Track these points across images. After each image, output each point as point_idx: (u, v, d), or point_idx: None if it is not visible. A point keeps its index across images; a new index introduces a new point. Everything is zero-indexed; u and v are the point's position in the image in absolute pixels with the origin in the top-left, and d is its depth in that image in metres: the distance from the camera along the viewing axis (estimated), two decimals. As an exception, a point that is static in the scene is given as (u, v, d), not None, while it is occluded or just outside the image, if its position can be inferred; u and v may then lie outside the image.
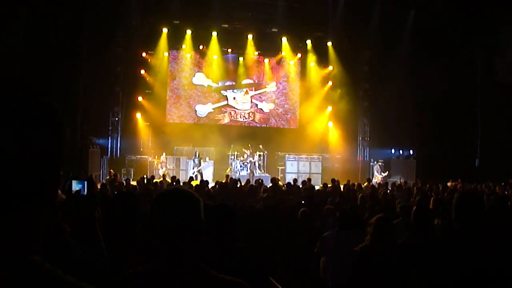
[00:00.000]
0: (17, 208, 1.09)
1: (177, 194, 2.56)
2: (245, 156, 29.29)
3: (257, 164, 29.22)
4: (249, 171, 28.15)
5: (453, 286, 4.00)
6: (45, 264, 1.12)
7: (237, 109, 34.16)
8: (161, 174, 25.96)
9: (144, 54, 31.54)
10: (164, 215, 2.47)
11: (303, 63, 34.44)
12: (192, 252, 2.45)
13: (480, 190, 18.86)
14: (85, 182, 11.02)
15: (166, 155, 28.51)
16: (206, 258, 2.53)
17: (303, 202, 11.73)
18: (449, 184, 21.25)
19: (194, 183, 20.32)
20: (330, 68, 33.63)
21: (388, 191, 18.62)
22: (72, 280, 1.13)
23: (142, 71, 31.40)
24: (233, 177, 24.15)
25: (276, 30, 31.90)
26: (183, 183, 18.66)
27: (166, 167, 27.58)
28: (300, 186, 18.64)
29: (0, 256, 1.06)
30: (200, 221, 2.50)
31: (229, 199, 11.90)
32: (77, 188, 10.31)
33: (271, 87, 34.65)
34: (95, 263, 4.15)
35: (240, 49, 33.00)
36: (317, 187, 19.16)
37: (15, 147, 1.07)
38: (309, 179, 21.32)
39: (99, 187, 16.79)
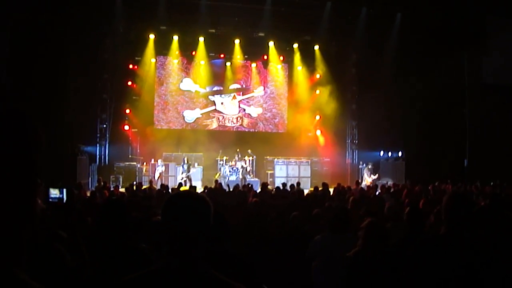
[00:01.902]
0: None
1: (190, 197, 2.58)
2: (234, 161, 29.28)
3: (248, 169, 29.22)
4: (241, 176, 28.09)
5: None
6: (30, 282, 1.08)
7: (225, 114, 34.13)
8: (157, 178, 26.17)
9: (131, 66, 31.49)
10: (175, 217, 2.47)
11: (290, 67, 34.49)
12: (199, 254, 2.44)
13: (469, 191, 18.90)
14: (64, 190, 10.97)
15: (154, 161, 28.51)
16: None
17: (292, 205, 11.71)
18: (436, 184, 21.28)
19: (183, 188, 20.24)
20: (318, 76, 33.69)
21: (378, 193, 18.65)
22: None
23: (129, 82, 31.34)
24: (222, 182, 24.13)
25: (263, 34, 31.88)
26: (172, 189, 18.58)
27: (162, 171, 27.77)
28: (289, 190, 18.61)
29: None
30: (209, 225, 2.49)
31: (218, 205, 11.85)
32: (55, 196, 10.25)
33: (258, 91, 34.65)
34: (83, 270, 4.12)
35: (227, 54, 33.00)
36: (306, 191, 19.15)
37: None
38: (298, 183, 21.30)
39: (88, 195, 16.75)
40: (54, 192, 10.42)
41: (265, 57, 33.60)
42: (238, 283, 2.48)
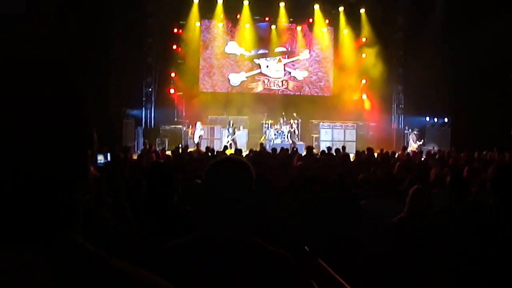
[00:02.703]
0: (52, 188, 1.08)
1: (231, 163, 2.59)
2: (279, 124, 29.34)
3: (296, 132, 29.19)
4: (290, 140, 28.09)
5: (486, 257, 3.97)
6: (88, 246, 1.11)
7: (270, 77, 34.10)
8: (197, 142, 26.36)
9: (175, 30, 31.56)
10: (217, 184, 2.50)
11: (336, 30, 34.22)
12: (243, 221, 2.46)
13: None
14: (108, 155, 11.15)
15: (201, 124, 28.60)
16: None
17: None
18: (483, 153, 20.96)
19: (228, 152, 20.35)
20: (364, 39, 33.34)
21: (423, 159, 18.51)
22: (117, 263, 1.12)
23: (174, 46, 31.46)
24: (267, 146, 24.19)
25: (308, -3, 31.75)
26: (217, 152, 18.69)
27: (201, 134, 27.81)
28: (334, 154, 18.56)
29: (44, 238, 1.06)
30: (251, 191, 2.50)
31: (263, 168, 11.89)
32: (101, 162, 10.41)
33: (304, 54, 34.50)
34: (127, 235, 4.18)
35: (272, 17, 32.84)
36: (352, 155, 19.05)
37: (41, 129, 1.07)
38: (344, 147, 21.23)
39: (135, 157, 16.95)
40: (99, 158, 10.59)
41: (311, 20, 33.41)
42: (281, 249, 2.49)
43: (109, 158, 11.75)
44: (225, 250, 2.39)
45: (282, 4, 31.96)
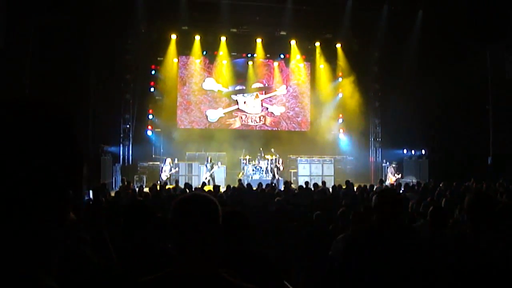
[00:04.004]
0: (28, 230, 1.07)
1: (196, 200, 2.56)
2: (257, 160, 29.33)
3: (281, 168, 29.10)
4: (277, 176, 28.12)
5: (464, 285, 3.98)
6: None
7: (248, 113, 34.18)
8: (166, 179, 26.03)
9: (153, 66, 31.65)
10: (182, 221, 2.47)
11: (312, 66, 34.50)
12: (210, 257, 2.45)
13: (493, 189, 18.70)
14: (90, 192, 11.08)
15: (177, 160, 28.47)
16: (220, 265, 2.52)
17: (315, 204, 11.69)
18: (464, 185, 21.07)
19: (207, 188, 20.29)
20: (340, 74, 33.64)
21: (402, 191, 18.55)
22: None
23: (152, 82, 31.52)
24: (246, 181, 24.14)
25: (284, 33, 31.98)
26: (195, 188, 18.63)
27: (169, 171, 27.45)
28: (312, 189, 18.56)
29: (16, 281, 1.05)
30: (218, 227, 2.49)
31: (241, 204, 11.85)
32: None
33: (281, 90, 34.67)
34: (108, 272, 4.15)
35: (249, 53, 33.06)
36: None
37: (25, 167, 1.06)
38: (324, 182, 21.25)
39: (113, 195, 16.84)
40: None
41: (287, 55, 33.68)
42: (251, 284, 2.48)
43: (91, 195, 11.68)
44: (195, 285, 2.38)
45: (259, 40, 32.18)
